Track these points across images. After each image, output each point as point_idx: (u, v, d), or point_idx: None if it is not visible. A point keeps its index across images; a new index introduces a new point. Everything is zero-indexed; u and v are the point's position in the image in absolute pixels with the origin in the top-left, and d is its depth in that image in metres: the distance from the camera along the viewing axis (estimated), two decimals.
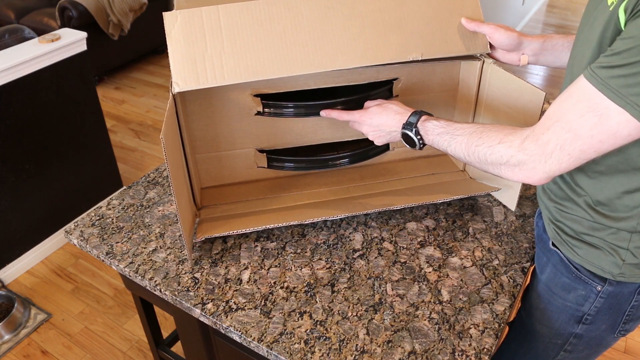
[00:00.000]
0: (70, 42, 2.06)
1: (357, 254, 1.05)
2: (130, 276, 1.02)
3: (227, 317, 0.91)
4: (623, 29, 0.65)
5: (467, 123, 0.87)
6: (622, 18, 0.65)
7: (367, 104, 1.02)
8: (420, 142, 0.92)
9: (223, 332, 0.92)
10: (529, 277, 1.05)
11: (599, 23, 0.71)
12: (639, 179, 0.76)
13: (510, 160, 0.77)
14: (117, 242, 1.08)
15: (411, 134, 0.92)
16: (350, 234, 1.09)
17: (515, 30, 1.01)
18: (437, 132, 0.89)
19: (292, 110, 1.06)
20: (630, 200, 0.78)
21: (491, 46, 1.05)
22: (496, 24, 1.02)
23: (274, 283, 0.98)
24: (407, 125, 0.92)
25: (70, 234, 1.11)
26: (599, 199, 0.81)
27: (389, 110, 0.96)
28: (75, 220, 1.63)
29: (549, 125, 0.71)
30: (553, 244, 0.92)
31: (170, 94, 0.93)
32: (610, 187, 0.79)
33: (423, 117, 0.91)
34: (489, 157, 0.80)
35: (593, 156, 0.70)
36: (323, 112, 1.05)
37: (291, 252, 1.05)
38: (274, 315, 0.92)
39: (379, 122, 0.97)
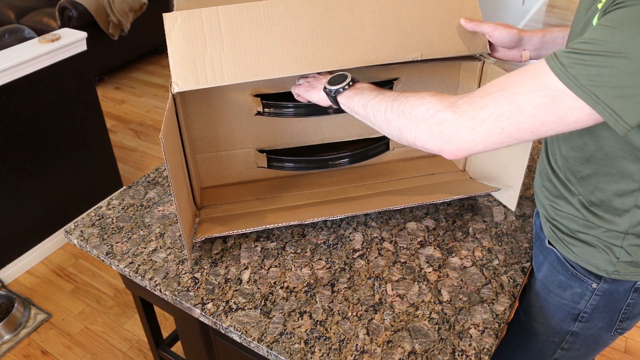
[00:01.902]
0: (70, 42, 2.06)
1: (357, 254, 1.05)
2: (130, 276, 1.02)
3: (227, 317, 0.92)
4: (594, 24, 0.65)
5: None
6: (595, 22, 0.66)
7: None
8: (344, 88, 0.88)
9: (223, 332, 0.92)
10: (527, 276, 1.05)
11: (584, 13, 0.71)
12: (626, 182, 0.77)
13: (435, 115, 0.70)
14: (117, 242, 1.08)
15: (348, 75, 0.89)
16: (350, 234, 1.10)
17: (514, 27, 1.01)
18: (368, 88, 0.85)
19: (292, 110, 1.07)
20: (620, 203, 0.79)
21: (492, 45, 1.05)
22: (495, 22, 1.02)
23: (274, 283, 0.98)
24: (347, 76, 0.90)
25: (70, 234, 1.11)
26: (592, 200, 0.82)
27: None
28: (75, 220, 1.63)
29: (491, 91, 0.67)
30: (549, 242, 0.93)
31: (170, 94, 0.93)
32: (601, 189, 0.80)
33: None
34: (415, 109, 0.73)
35: (526, 138, 0.67)
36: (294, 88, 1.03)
37: (291, 252, 1.05)
38: (274, 315, 0.92)
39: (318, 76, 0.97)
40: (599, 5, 0.67)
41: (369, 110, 0.83)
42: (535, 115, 0.64)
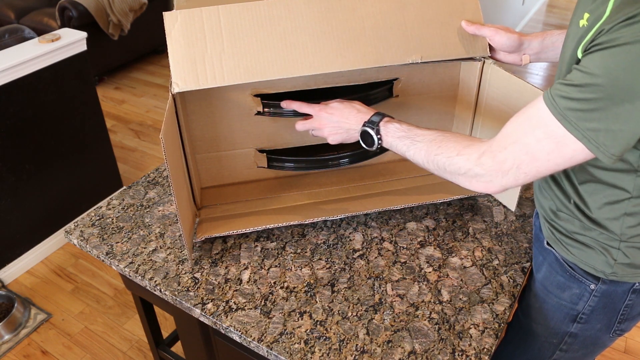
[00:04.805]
0: (70, 42, 2.06)
1: (357, 254, 1.05)
2: (130, 276, 1.02)
3: (227, 317, 0.92)
4: (579, 57, 0.68)
5: (427, 129, 0.87)
6: (579, 54, 0.68)
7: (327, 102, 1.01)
8: (379, 141, 0.91)
9: (223, 332, 0.92)
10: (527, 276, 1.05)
11: (572, 41, 0.73)
12: (615, 192, 0.78)
13: (467, 172, 0.79)
14: (117, 242, 1.08)
15: (372, 132, 0.91)
16: (350, 234, 1.10)
17: (515, 32, 1.02)
18: (397, 135, 0.89)
19: (292, 110, 1.06)
20: (611, 211, 0.80)
21: (492, 48, 1.05)
22: (496, 25, 1.02)
23: (274, 283, 0.98)
24: (369, 123, 0.91)
25: (70, 234, 1.11)
26: (583, 207, 0.83)
27: (350, 107, 0.96)
28: (75, 220, 1.63)
29: (506, 145, 0.73)
30: (548, 243, 0.93)
31: (170, 94, 0.93)
32: (593, 199, 0.81)
33: (385, 119, 0.91)
34: (448, 167, 0.82)
35: (549, 173, 0.73)
36: (283, 103, 1.03)
37: (291, 252, 1.05)
38: (274, 315, 0.92)
39: (339, 117, 0.96)
40: (582, 23, 0.70)
41: (408, 157, 0.89)
42: (549, 160, 0.70)
